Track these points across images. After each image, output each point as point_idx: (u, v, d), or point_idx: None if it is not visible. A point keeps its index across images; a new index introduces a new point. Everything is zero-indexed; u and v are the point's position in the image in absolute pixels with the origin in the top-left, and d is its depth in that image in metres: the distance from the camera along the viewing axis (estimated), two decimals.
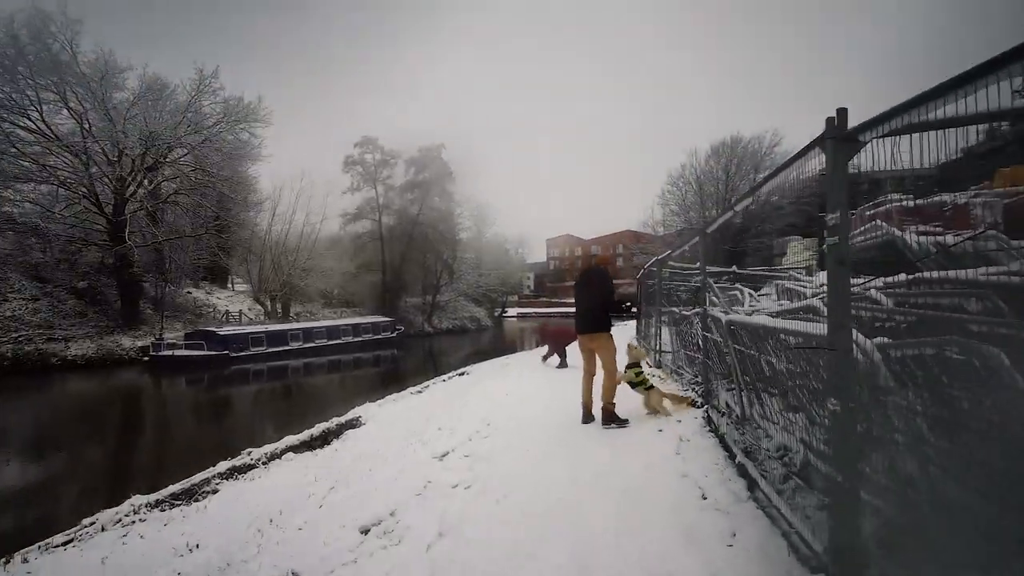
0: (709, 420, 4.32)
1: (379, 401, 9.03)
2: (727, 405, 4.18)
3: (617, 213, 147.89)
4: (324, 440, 7.29)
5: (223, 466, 6.28)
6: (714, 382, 4.63)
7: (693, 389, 5.52)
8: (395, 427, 7.04)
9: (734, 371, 3.69)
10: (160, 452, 9.30)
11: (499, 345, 32.00)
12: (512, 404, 6.32)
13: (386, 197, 34.90)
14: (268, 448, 7.00)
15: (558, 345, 9.53)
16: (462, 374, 12.86)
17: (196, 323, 26.45)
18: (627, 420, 4.66)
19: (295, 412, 12.73)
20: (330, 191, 30.74)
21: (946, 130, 1.47)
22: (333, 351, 24.18)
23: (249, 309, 31.40)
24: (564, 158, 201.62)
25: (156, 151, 21.52)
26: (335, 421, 8.00)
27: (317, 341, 23.95)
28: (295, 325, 23.85)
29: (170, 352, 18.87)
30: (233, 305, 31.01)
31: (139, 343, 21.06)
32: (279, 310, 28.22)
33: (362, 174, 33.61)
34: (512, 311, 60.41)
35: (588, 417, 4.86)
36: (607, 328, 4.88)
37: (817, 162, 1.91)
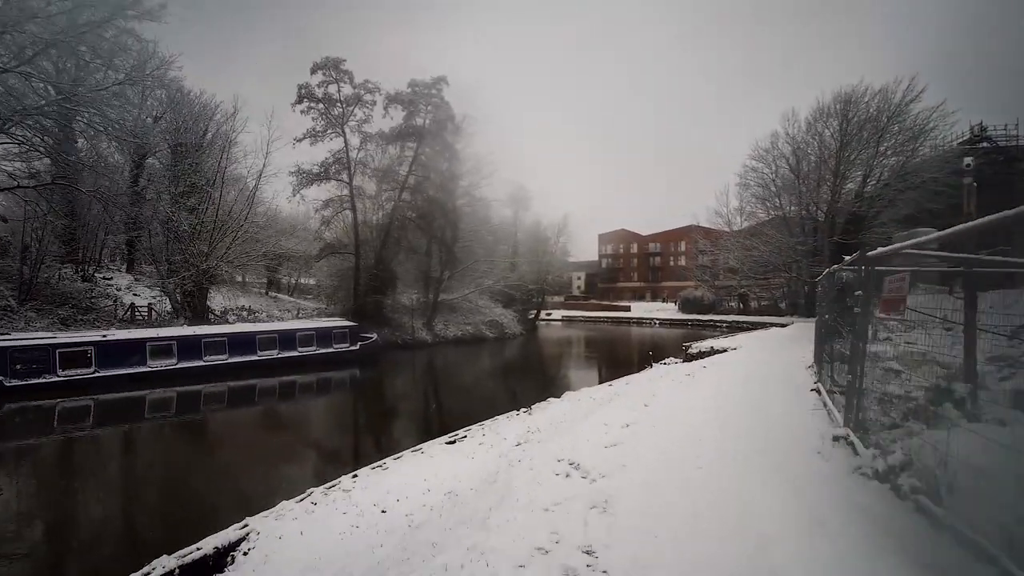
0: None
1: None
2: None
3: (678, 207, 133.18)
4: None
5: None
6: None
7: None
8: None
9: None
10: None
11: (521, 368, 22.07)
12: None
13: (362, 150, 24.62)
14: None
15: None
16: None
17: (77, 321, 18.52)
18: None
19: None
20: (278, 135, 21.55)
21: None
22: (246, 371, 15.25)
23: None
24: (619, 143, 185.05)
25: None
26: None
27: (210, 358, 14.98)
28: (161, 333, 14.90)
29: None
30: (156, 298, 22.83)
31: None
32: (188, 306, 19.45)
33: (324, 115, 23.12)
34: (556, 313, 49.98)
35: None
36: None
37: None
